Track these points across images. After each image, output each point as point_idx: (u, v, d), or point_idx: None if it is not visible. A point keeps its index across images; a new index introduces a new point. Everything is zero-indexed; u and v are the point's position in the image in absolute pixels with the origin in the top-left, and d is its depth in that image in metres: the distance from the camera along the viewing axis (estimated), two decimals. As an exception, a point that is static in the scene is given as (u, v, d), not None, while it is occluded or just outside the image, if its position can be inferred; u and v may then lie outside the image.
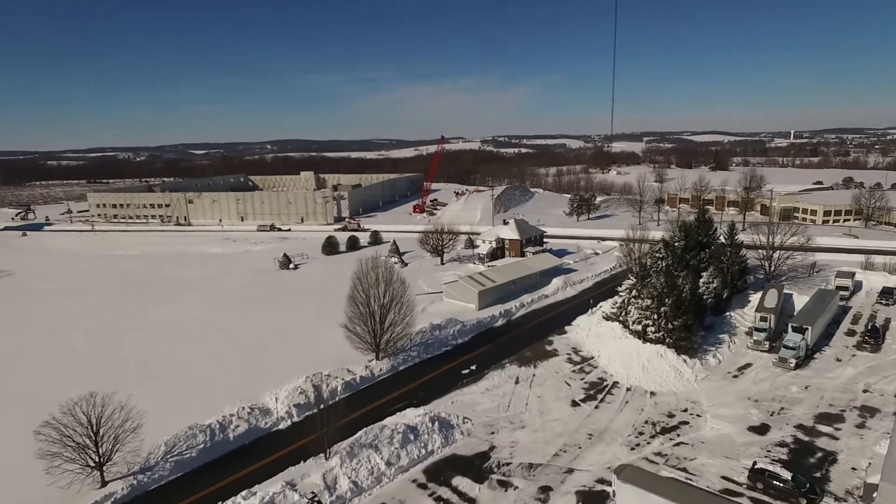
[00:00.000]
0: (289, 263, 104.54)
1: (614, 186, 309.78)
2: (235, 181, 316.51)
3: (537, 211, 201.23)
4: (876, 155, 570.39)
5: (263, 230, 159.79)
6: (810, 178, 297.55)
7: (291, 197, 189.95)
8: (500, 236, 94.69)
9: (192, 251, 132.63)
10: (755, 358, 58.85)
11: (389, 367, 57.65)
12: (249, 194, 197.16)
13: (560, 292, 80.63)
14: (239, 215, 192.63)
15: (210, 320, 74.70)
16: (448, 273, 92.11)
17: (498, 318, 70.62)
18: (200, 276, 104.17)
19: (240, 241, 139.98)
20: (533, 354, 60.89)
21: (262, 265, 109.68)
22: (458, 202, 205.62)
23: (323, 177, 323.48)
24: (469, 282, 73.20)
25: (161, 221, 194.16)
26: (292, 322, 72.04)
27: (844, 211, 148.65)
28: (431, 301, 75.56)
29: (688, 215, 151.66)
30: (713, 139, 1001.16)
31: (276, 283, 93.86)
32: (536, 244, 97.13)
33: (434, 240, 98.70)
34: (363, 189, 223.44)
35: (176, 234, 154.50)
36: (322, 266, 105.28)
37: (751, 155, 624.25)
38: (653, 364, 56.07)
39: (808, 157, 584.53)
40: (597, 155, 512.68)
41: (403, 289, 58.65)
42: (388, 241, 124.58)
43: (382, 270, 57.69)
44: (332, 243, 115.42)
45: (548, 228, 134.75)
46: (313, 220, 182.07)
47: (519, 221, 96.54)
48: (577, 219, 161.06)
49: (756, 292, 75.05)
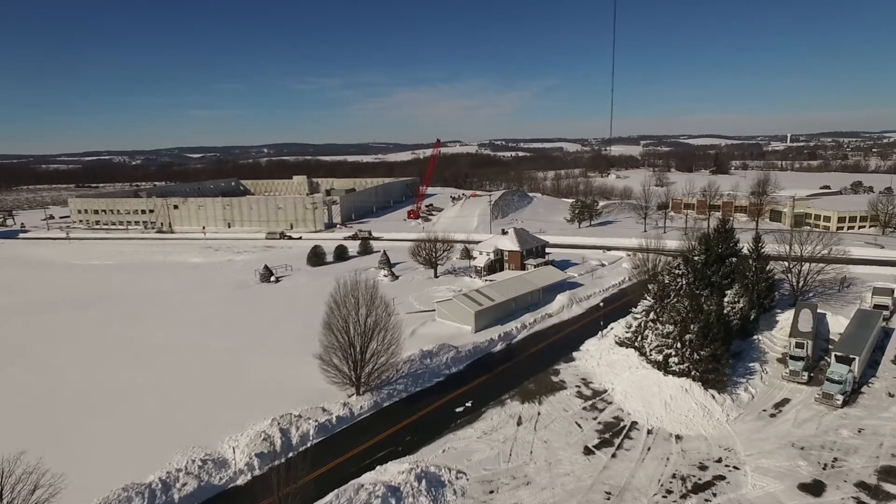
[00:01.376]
0: (270, 276, 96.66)
1: (614, 191, 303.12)
2: (227, 186, 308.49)
3: (536, 217, 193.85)
4: (875, 158, 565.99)
5: (273, 238, 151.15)
6: (815, 182, 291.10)
7: (280, 202, 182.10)
8: (499, 247, 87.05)
9: (170, 261, 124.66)
10: (793, 392, 51.17)
11: (372, 404, 49.84)
12: (237, 200, 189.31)
13: (565, 310, 72.94)
14: (226, 222, 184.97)
15: (174, 344, 66.74)
16: (442, 288, 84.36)
17: (497, 342, 62.89)
18: (174, 289, 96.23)
19: (222, 250, 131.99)
20: (537, 387, 53.11)
21: (242, 277, 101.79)
22: (454, 207, 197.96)
23: (316, 181, 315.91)
24: (464, 300, 65.44)
25: (144, 228, 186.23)
26: (265, 347, 64.12)
27: (860, 217, 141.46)
28: (422, 322, 67.75)
29: (694, 221, 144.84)
30: (710, 143, 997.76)
31: (253, 300, 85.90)
32: (538, 255, 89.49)
33: (427, 250, 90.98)
34: (356, 194, 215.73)
35: (156, 242, 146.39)
36: (306, 279, 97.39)
37: (749, 158, 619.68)
38: (677, 401, 48.38)
39: (806, 161, 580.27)
40: (595, 159, 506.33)
41: (388, 313, 50.88)
42: (380, 251, 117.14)
43: (364, 292, 49.88)
44: (318, 254, 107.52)
45: (549, 237, 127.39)
46: (303, 226, 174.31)
47: (519, 231, 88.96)
48: (578, 225, 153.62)
49: (784, 311, 67.63)
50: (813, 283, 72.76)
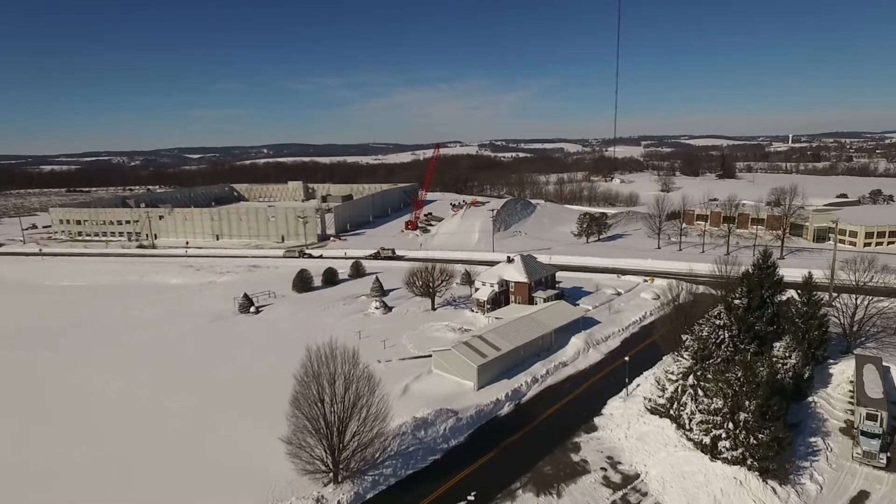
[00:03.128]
0: (249, 306, 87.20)
1: (619, 196, 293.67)
2: (220, 192, 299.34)
3: (540, 228, 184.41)
4: (881, 160, 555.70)
5: (291, 256, 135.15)
6: (827, 188, 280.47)
7: (272, 213, 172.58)
8: (504, 278, 77.63)
9: (147, 283, 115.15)
10: (870, 479, 41.74)
11: (352, 497, 40.45)
12: (225, 210, 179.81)
13: (581, 357, 63.50)
14: (214, 234, 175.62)
15: (128, 401, 57.33)
16: (440, 325, 74.87)
17: (503, 403, 53.47)
18: (144, 320, 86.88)
19: (204, 269, 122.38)
20: (554, 471, 43.66)
21: (219, 306, 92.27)
22: (454, 218, 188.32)
23: (312, 187, 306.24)
24: (466, 351, 56.00)
25: (128, 239, 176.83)
26: (231, 407, 54.64)
27: (889, 232, 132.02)
28: (416, 375, 58.26)
29: (709, 235, 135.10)
30: (712, 143, 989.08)
31: (227, 336, 76.36)
32: (548, 286, 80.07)
33: (423, 278, 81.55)
34: (351, 203, 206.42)
35: (135, 260, 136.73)
36: (289, 309, 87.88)
37: (752, 160, 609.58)
38: (729, 497, 38.98)
39: (811, 164, 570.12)
40: (598, 161, 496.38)
41: (371, 387, 41.41)
42: (372, 273, 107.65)
43: (342, 361, 40.50)
44: (305, 278, 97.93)
45: (557, 256, 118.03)
46: (295, 238, 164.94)
47: (526, 259, 79.50)
48: (586, 240, 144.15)
49: (837, 362, 58.22)
50: (869, 325, 62.57)
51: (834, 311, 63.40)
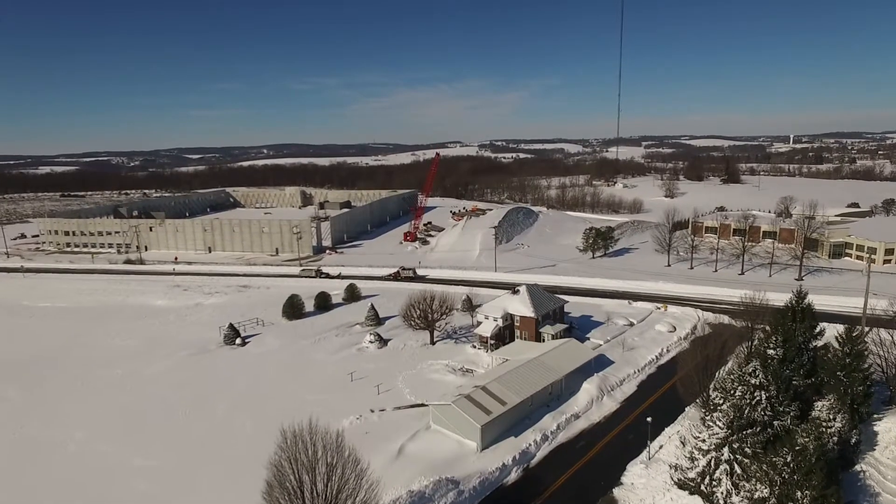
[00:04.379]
0: (235, 337, 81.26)
1: (623, 203, 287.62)
2: (216, 197, 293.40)
3: (543, 238, 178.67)
4: (885, 162, 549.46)
5: (308, 276, 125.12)
6: (834, 193, 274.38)
7: (265, 226, 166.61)
8: (509, 311, 71.72)
9: (131, 304, 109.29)
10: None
11: None
12: (217, 222, 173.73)
13: (595, 406, 57.62)
14: (206, 245, 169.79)
15: (88, 461, 51.40)
16: (439, 363, 68.97)
17: (510, 468, 47.59)
18: (120, 353, 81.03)
19: (192, 289, 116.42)
20: (571, 564, 37.82)
21: (204, 334, 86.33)
22: (454, 230, 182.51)
23: (310, 193, 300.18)
24: (467, 407, 50.10)
25: (117, 251, 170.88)
26: (202, 472, 48.66)
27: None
28: (412, 432, 52.33)
29: (720, 250, 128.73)
30: (713, 144, 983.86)
31: (207, 378, 70.23)
32: (556, 320, 74.11)
33: (422, 308, 75.63)
34: (348, 213, 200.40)
35: (120, 278, 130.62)
36: (278, 341, 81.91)
37: (754, 161, 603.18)
38: None
39: (814, 165, 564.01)
40: (600, 165, 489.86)
41: (359, 472, 35.49)
42: (368, 297, 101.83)
43: (325, 446, 34.62)
44: (295, 304, 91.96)
45: (561, 277, 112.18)
46: (290, 251, 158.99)
47: (532, 291, 73.54)
48: (592, 255, 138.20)
49: (882, 417, 52.22)
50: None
51: (883, 359, 56.76)
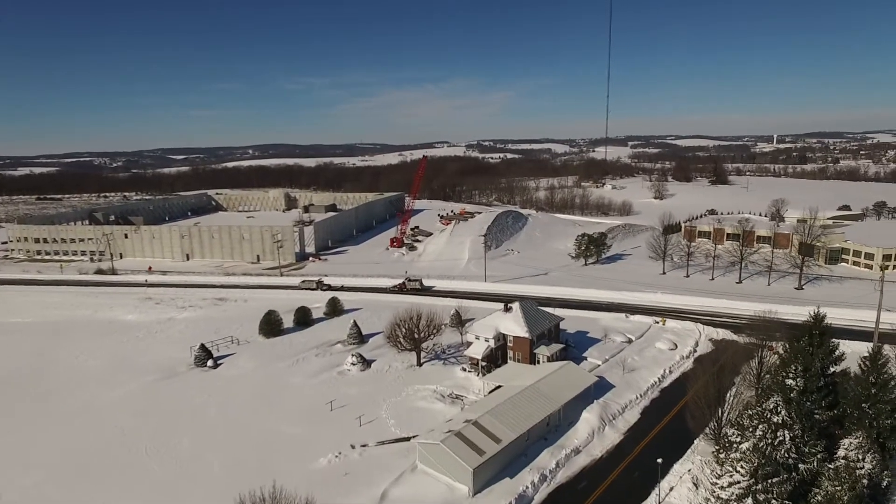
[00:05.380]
0: (207, 359, 75.51)
1: (612, 205, 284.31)
2: (197, 201, 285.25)
3: (534, 244, 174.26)
4: (867, 161, 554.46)
5: (308, 288, 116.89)
6: (822, 194, 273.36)
7: (246, 232, 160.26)
8: (501, 331, 66.87)
9: (99, 319, 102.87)
10: None
11: None
12: (196, 229, 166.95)
13: (596, 438, 52.94)
14: (183, 253, 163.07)
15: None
16: (427, 389, 63.89)
17: (506, 517, 42.69)
18: (82, 376, 75.03)
19: (164, 303, 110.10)
20: None
21: (174, 354, 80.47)
22: (441, 235, 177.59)
23: (294, 195, 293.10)
24: (458, 447, 45.15)
25: (90, 259, 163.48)
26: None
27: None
28: (397, 474, 47.23)
29: (716, 256, 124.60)
30: (698, 143, 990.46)
31: (173, 405, 64.38)
32: (551, 339, 69.43)
33: (408, 328, 70.52)
34: (333, 218, 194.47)
35: (90, 290, 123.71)
36: (253, 362, 76.25)
37: (740, 161, 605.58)
38: None
39: (798, 165, 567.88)
40: (588, 165, 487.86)
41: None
42: (351, 310, 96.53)
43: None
44: (273, 321, 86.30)
45: (554, 288, 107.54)
46: (271, 258, 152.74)
47: (526, 308, 68.73)
48: (584, 262, 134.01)
49: (906, 451, 48.13)
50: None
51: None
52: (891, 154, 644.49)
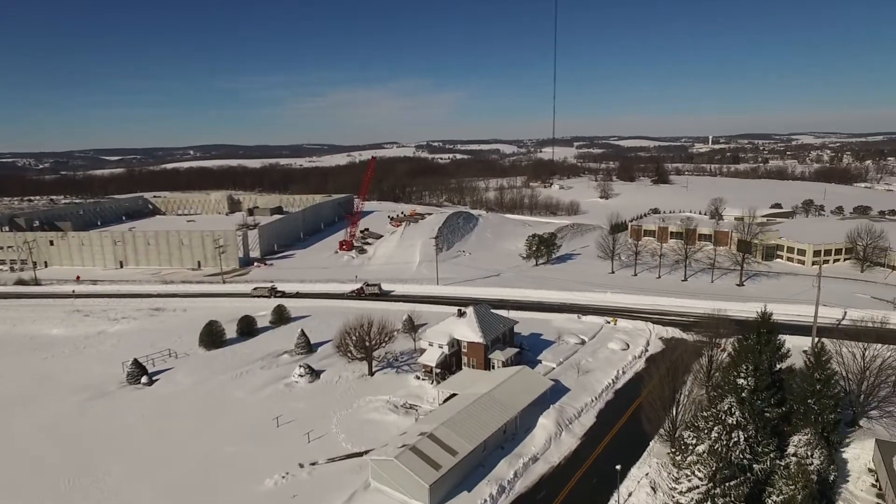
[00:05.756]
0: (140, 375, 70.25)
1: (560, 205, 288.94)
2: (132, 204, 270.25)
3: (485, 245, 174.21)
4: (795, 163, 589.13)
5: (261, 296, 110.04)
6: (755, 193, 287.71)
7: (185, 237, 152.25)
8: (455, 337, 65.16)
9: (19, 333, 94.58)
10: None
11: None
12: (131, 234, 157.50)
13: (553, 445, 52.07)
14: (117, 260, 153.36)
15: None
16: (379, 399, 61.41)
17: (465, 534, 41.00)
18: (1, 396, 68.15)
19: (94, 314, 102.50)
20: None
21: (104, 370, 74.55)
22: (392, 237, 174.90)
23: (238, 198, 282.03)
24: (413, 462, 43.12)
25: (10, 269, 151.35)
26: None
27: (835, 250, 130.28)
28: (349, 494, 44.72)
29: (660, 255, 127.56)
30: (640, 144, 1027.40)
31: (101, 429, 59.17)
32: (506, 343, 68.49)
33: (358, 336, 67.80)
34: (278, 221, 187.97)
35: (9, 302, 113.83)
36: (192, 377, 71.48)
37: (678, 161, 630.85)
38: None
39: (731, 165, 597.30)
40: (536, 165, 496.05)
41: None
42: (299, 318, 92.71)
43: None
44: (215, 332, 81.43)
45: (506, 289, 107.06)
46: (213, 265, 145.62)
47: (480, 313, 67.39)
48: (535, 262, 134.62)
49: (847, 440, 49.59)
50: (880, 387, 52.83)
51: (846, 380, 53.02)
52: (813, 154, 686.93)
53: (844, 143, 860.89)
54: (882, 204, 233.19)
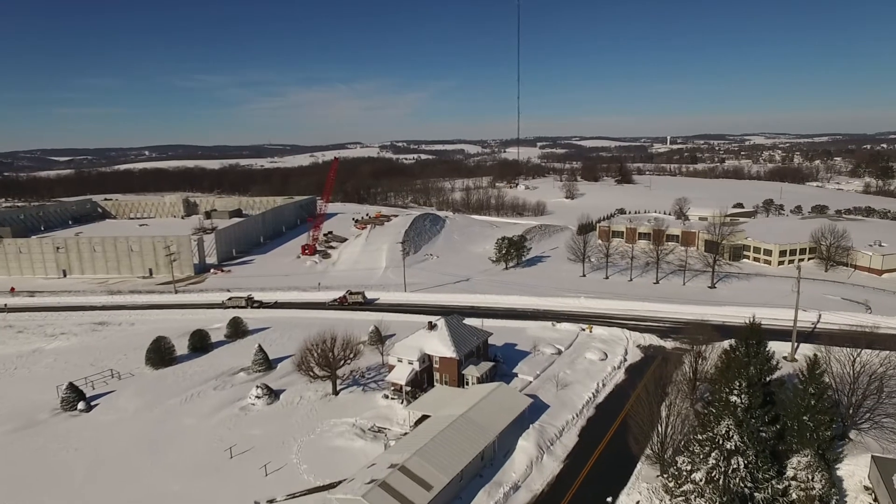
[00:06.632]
0: (78, 400, 63.22)
1: (526, 205, 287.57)
2: (80, 208, 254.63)
3: (453, 248, 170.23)
4: (750, 163, 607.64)
5: (237, 306, 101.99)
6: (711, 191, 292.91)
7: (135, 243, 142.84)
8: (426, 352, 60.75)
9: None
10: None
11: None
12: (75, 241, 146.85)
13: (535, 470, 48.21)
14: (60, 268, 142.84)
15: None
16: (345, 423, 56.34)
17: (442, 582, 36.60)
18: None
19: (29, 330, 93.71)
20: None
21: (36, 396, 67.01)
22: (357, 240, 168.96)
23: (195, 200, 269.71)
24: (383, 500, 38.48)
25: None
26: None
27: (800, 250, 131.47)
28: (312, 538, 39.76)
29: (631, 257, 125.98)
30: (602, 144, 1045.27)
31: (27, 466, 52.40)
32: (480, 356, 64.40)
33: (321, 352, 62.62)
34: (238, 224, 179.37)
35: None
36: (137, 401, 64.78)
37: (639, 161, 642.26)
38: None
39: (690, 165, 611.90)
40: (501, 166, 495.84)
41: None
42: (257, 330, 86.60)
43: None
44: (163, 348, 74.56)
45: (476, 295, 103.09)
46: (166, 272, 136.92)
47: (452, 325, 63.05)
48: (505, 266, 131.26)
49: (840, 455, 47.42)
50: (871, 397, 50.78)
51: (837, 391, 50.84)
52: (766, 154, 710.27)
53: (793, 143, 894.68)
54: (835, 202, 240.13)
